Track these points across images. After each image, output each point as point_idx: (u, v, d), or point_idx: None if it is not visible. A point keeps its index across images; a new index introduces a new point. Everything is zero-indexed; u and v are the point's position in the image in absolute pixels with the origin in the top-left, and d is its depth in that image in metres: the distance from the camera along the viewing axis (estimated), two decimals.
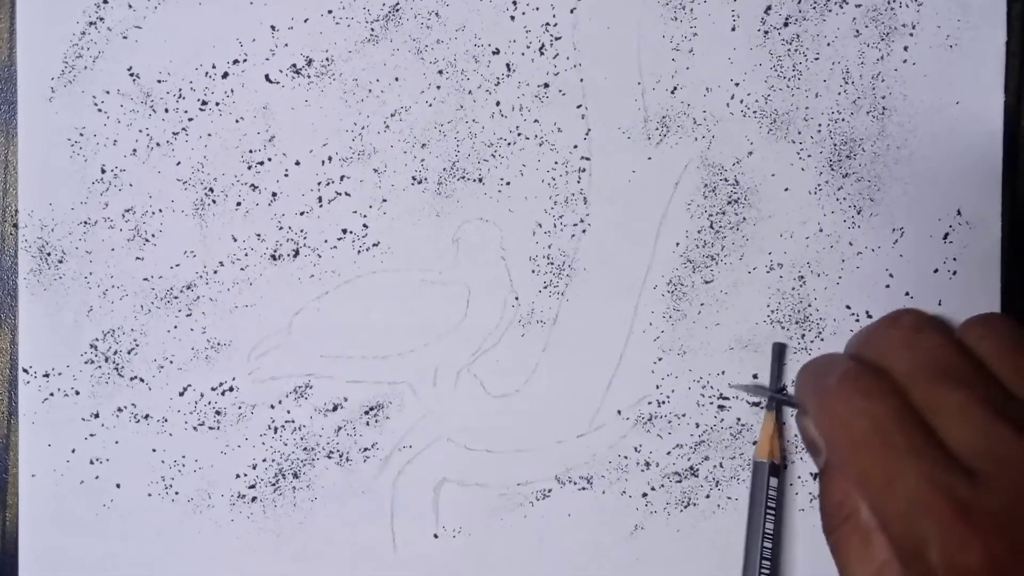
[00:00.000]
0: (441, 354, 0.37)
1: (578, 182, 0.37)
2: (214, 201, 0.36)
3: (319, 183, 0.36)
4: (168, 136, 0.36)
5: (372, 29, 0.36)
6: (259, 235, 0.36)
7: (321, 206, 0.36)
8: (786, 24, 0.37)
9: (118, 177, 0.36)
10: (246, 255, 0.36)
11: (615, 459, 0.37)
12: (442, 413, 0.37)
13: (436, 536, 0.37)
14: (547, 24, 0.37)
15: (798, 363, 0.37)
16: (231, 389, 0.37)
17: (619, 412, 0.37)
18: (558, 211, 0.37)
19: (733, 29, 0.37)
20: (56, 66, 0.36)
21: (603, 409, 0.37)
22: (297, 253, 0.37)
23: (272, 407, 0.37)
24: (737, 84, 0.37)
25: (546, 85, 0.37)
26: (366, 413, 0.37)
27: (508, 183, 0.37)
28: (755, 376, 0.37)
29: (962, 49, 0.37)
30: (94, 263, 0.36)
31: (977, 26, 0.37)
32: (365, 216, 0.37)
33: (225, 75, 0.36)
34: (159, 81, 0.36)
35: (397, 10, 0.36)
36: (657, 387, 0.37)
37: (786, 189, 0.37)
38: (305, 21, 0.36)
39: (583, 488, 0.37)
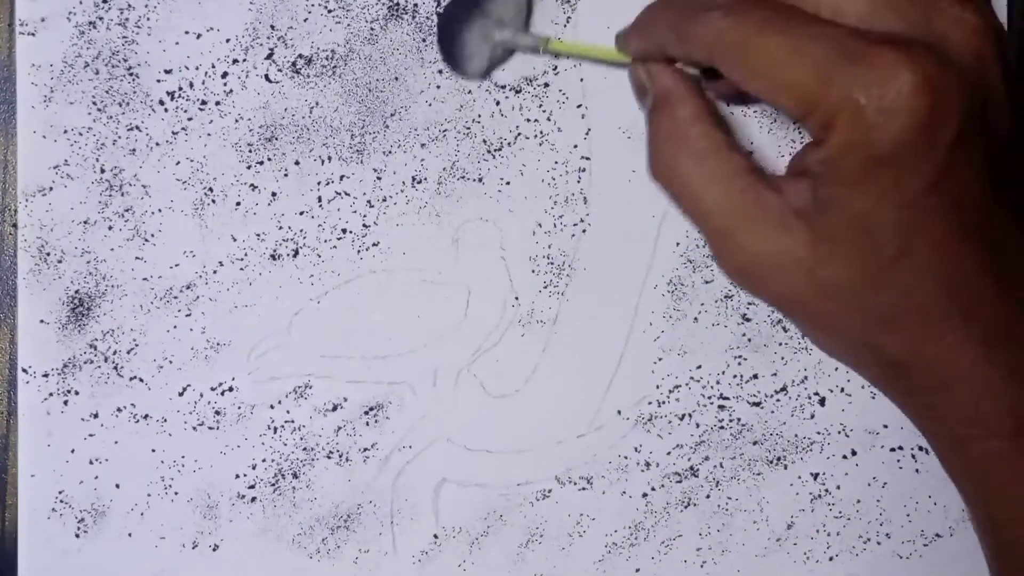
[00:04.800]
0: (441, 354, 0.37)
1: (578, 182, 0.37)
2: (214, 201, 0.36)
3: (319, 183, 0.36)
4: (168, 136, 0.36)
5: (372, 28, 0.36)
6: (259, 235, 0.36)
7: (321, 206, 0.36)
8: None
9: (117, 177, 0.36)
10: (246, 255, 0.36)
11: (615, 459, 0.37)
12: (442, 413, 0.37)
13: (436, 536, 0.37)
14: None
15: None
16: (231, 389, 0.37)
17: (619, 412, 0.37)
18: (558, 211, 0.37)
19: None
20: (56, 66, 0.36)
21: (603, 409, 0.37)
22: (297, 253, 0.36)
23: (272, 407, 0.37)
24: None
25: (546, 85, 0.37)
26: (366, 413, 0.37)
27: (508, 183, 0.37)
28: (755, 376, 0.37)
29: None
30: (94, 263, 0.36)
31: None
32: (365, 216, 0.37)
33: (225, 75, 0.36)
34: (159, 81, 0.36)
35: (397, 9, 0.36)
36: (657, 387, 0.37)
37: None
38: (305, 20, 0.36)
39: (583, 488, 0.37)
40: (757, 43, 0.27)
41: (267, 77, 0.36)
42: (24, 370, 0.36)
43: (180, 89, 0.36)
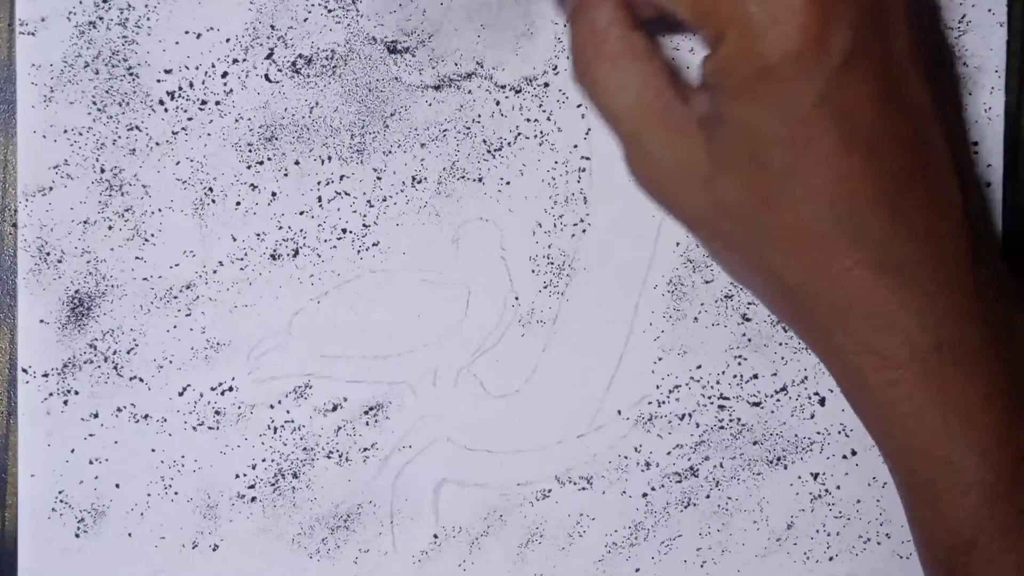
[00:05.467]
0: (441, 354, 0.37)
1: (578, 182, 0.37)
2: (213, 201, 0.36)
3: (319, 183, 0.36)
4: (168, 136, 0.36)
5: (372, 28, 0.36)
6: (259, 235, 0.36)
7: (321, 206, 0.36)
8: None
9: (117, 177, 0.36)
10: (246, 255, 0.36)
11: (615, 459, 0.37)
12: (442, 413, 0.37)
13: (436, 536, 0.37)
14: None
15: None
16: (231, 389, 0.37)
17: (619, 412, 0.37)
18: (558, 211, 0.37)
19: None
20: (56, 66, 0.36)
21: (603, 409, 0.37)
22: (297, 253, 0.36)
23: (272, 407, 0.37)
24: None
25: (546, 85, 0.37)
26: (366, 413, 0.37)
27: (508, 183, 0.37)
28: (755, 376, 0.37)
29: (962, 49, 0.37)
30: (94, 263, 0.36)
31: (977, 26, 0.37)
32: (365, 216, 0.37)
33: (225, 75, 0.36)
34: (159, 81, 0.36)
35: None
36: (657, 387, 0.37)
37: None
38: (305, 20, 0.36)
39: (583, 488, 0.37)
40: None
41: (267, 77, 0.36)
42: (24, 370, 0.36)
43: (180, 89, 0.36)
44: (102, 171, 0.36)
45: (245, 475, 0.37)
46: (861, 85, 0.26)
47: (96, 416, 0.36)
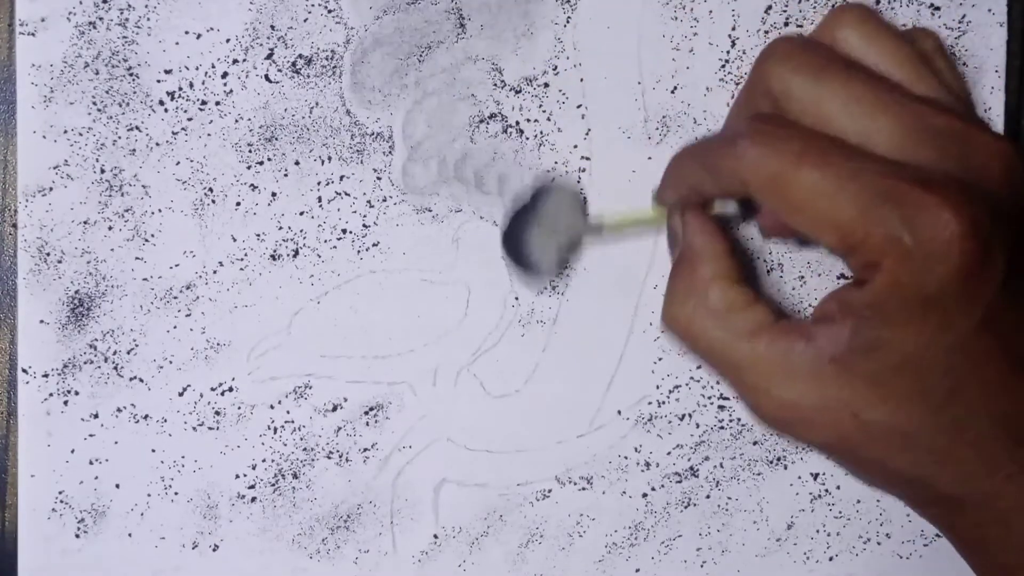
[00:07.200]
0: (441, 354, 0.37)
1: (578, 182, 0.37)
2: (213, 201, 0.36)
3: (319, 183, 0.36)
4: (168, 136, 0.36)
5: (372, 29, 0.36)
6: (259, 235, 0.36)
7: (321, 206, 0.36)
8: (786, 24, 0.37)
9: (117, 177, 0.36)
10: (246, 255, 0.36)
11: (615, 459, 0.37)
12: (442, 413, 0.37)
13: (436, 536, 0.37)
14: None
15: None
16: (231, 389, 0.37)
17: (619, 412, 0.37)
18: None
19: (733, 28, 0.37)
20: (56, 66, 0.36)
21: (603, 409, 0.37)
22: (297, 253, 0.36)
23: (272, 407, 0.37)
24: (737, 84, 0.37)
25: (546, 85, 0.37)
26: (366, 413, 0.37)
27: (509, 183, 0.37)
28: None
29: (962, 49, 0.37)
30: (94, 263, 0.36)
31: (977, 26, 0.37)
32: (365, 216, 0.37)
33: (225, 75, 0.36)
34: (159, 81, 0.36)
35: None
36: (657, 387, 0.37)
37: None
38: (305, 20, 0.36)
39: (583, 488, 0.37)
40: (795, 178, 0.27)
41: (267, 77, 0.36)
42: (24, 370, 0.36)
43: (180, 89, 0.36)
44: (102, 171, 0.36)
45: (245, 475, 0.37)
46: (1016, 303, 0.27)
47: (96, 416, 0.36)
